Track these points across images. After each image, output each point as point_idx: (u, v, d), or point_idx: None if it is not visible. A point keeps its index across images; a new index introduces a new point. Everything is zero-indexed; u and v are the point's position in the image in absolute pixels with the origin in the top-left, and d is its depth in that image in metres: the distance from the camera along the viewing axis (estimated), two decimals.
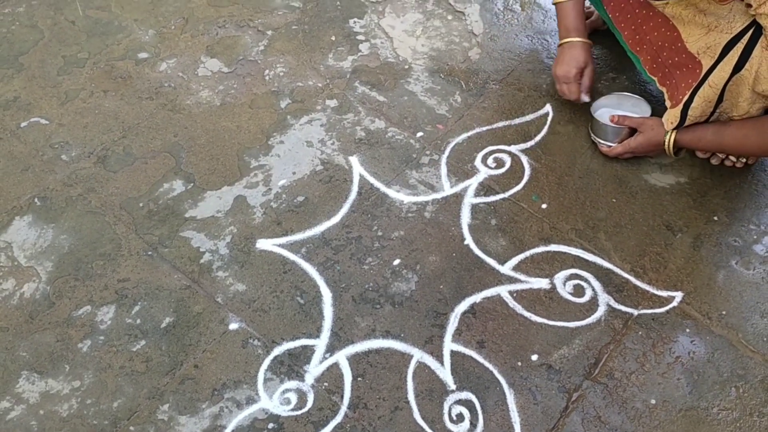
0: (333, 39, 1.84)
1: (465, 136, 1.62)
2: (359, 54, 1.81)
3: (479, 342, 1.29)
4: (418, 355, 1.27)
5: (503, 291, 1.36)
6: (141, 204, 1.48)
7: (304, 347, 1.28)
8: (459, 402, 1.22)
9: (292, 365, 1.26)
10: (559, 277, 1.38)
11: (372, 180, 1.54)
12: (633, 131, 1.53)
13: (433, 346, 1.29)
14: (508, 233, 1.45)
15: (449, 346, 1.29)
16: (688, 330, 1.32)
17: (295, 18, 1.89)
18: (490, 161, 1.57)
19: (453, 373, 1.25)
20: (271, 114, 1.66)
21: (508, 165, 1.57)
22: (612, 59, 1.76)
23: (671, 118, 1.44)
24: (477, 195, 1.51)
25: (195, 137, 1.61)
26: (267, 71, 1.76)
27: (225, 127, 1.63)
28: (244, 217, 1.47)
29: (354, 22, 1.89)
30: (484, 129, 1.63)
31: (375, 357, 1.27)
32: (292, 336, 1.29)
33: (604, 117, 1.55)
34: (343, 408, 1.21)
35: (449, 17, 1.91)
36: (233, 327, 1.31)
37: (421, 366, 1.26)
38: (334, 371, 1.25)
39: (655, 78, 1.48)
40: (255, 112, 1.66)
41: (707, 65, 1.34)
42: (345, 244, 1.43)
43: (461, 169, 1.55)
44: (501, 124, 1.65)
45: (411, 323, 1.32)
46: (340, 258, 1.41)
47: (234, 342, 1.29)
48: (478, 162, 1.57)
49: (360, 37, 1.85)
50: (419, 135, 1.62)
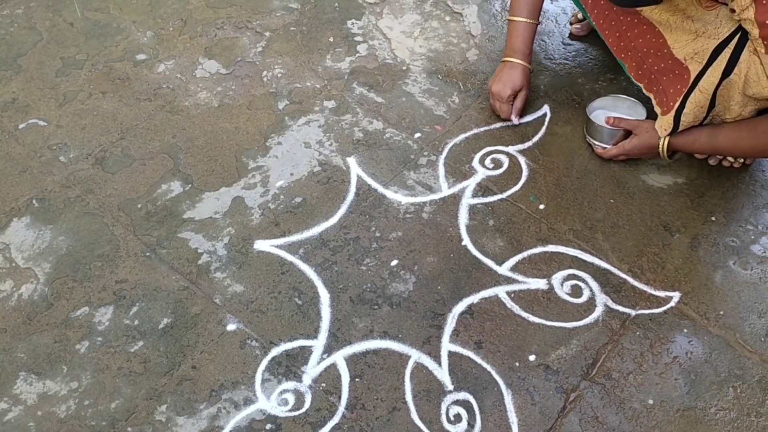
0: (331, 40, 1.85)
1: (463, 136, 1.62)
2: (357, 55, 1.81)
3: (477, 342, 1.29)
4: (415, 356, 1.28)
5: (501, 291, 1.36)
6: (139, 205, 1.49)
7: (301, 348, 1.28)
8: (457, 402, 1.22)
9: (289, 366, 1.26)
10: (557, 278, 1.38)
11: (370, 181, 1.54)
12: (628, 133, 1.53)
13: (431, 346, 1.29)
14: (505, 234, 1.45)
15: (447, 346, 1.29)
16: (685, 330, 1.32)
17: (293, 19, 1.90)
18: (487, 162, 1.57)
19: (450, 374, 1.25)
20: (269, 115, 1.66)
21: (505, 166, 1.57)
22: (609, 60, 1.76)
23: (664, 124, 1.45)
24: (475, 196, 1.51)
25: (193, 138, 1.61)
26: (265, 72, 1.76)
27: (223, 129, 1.63)
28: (242, 218, 1.47)
29: (352, 23, 1.89)
30: (481, 130, 1.63)
31: (373, 358, 1.27)
32: (289, 337, 1.29)
33: (599, 118, 1.56)
34: (341, 409, 1.21)
35: (447, 18, 1.92)
36: (231, 328, 1.31)
37: (419, 366, 1.26)
38: (331, 372, 1.25)
39: (641, 84, 1.49)
40: (253, 113, 1.67)
41: (695, 71, 1.35)
42: (343, 244, 1.43)
43: (459, 170, 1.56)
44: (499, 124, 1.65)
45: (409, 324, 1.32)
46: (337, 259, 1.41)
47: (232, 343, 1.29)
48: (475, 163, 1.57)
49: (358, 39, 1.85)
50: (417, 136, 1.62)
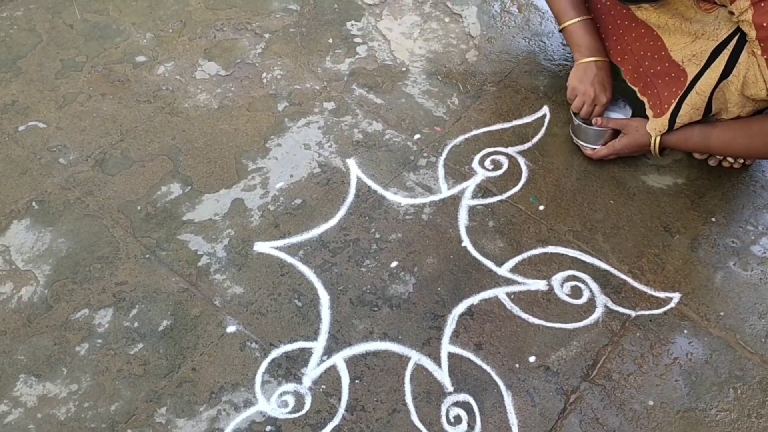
0: (330, 42, 1.85)
1: (462, 138, 1.62)
2: (357, 56, 1.81)
3: (477, 344, 1.29)
4: (415, 358, 1.27)
5: (501, 293, 1.36)
6: (139, 207, 1.48)
7: (301, 350, 1.28)
8: (457, 404, 1.22)
9: (289, 368, 1.26)
10: (557, 279, 1.38)
11: (369, 182, 1.54)
12: (616, 132, 1.53)
13: (431, 348, 1.29)
14: (505, 235, 1.45)
15: (447, 348, 1.29)
16: (686, 331, 1.32)
17: (293, 21, 1.90)
18: (487, 163, 1.57)
19: (451, 375, 1.25)
20: (269, 117, 1.66)
21: (505, 167, 1.57)
22: None
23: (658, 126, 1.44)
24: (474, 197, 1.51)
25: (193, 140, 1.61)
26: (264, 74, 1.76)
27: (223, 130, 1.63)
28: (241, 220, 1.47)
29: (351, 24, 1.89)
30: (481, 131, 1.63)
31: (372, 359, 1.27)
32: (289, 338, 1.29)
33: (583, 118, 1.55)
34: (341, 410, 1.21)
35: (446, 19, 1.92)
36: (231, 330, 1.31)
37: (419, 368, 1.26)
38: (331, 374, 1.25)
39: (636, 87, 1.49)
40: (252, 115, 1.66)
41: (693, 72, 1.35)
42: (342, 246, 1.43)
43: (459, 171, 1.56)
44: (498, 126, 1.65)
45: (408, 325, 1.32)
46: (337, 260, 1.41)
47: (232, 345, 1.29)
48: (475, 164, 1.57)
49: (357, 40, 1.85)
50: (417, 137, 1.62)
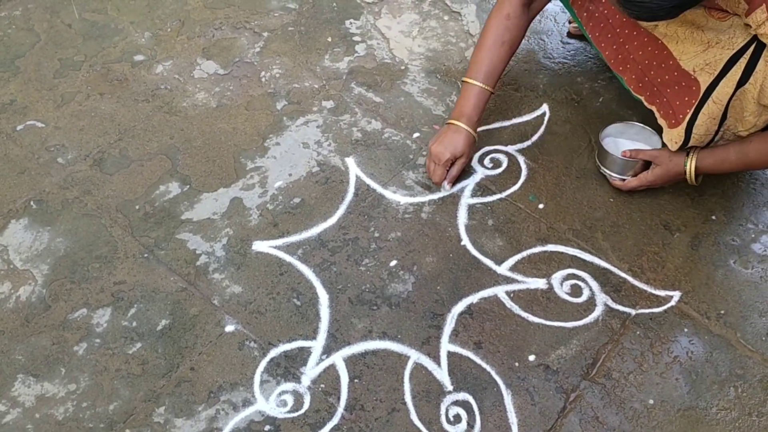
0: (329, 40, 1.84)
1: None
2: (355, 55, 1.80)
3: (476, 343, 1.29)
4: (415, 357, 1.27)
5: (500, 291, 1.36)
6: (137, 206, 1.48)
7: (300, 349, 1.28)
8: (456, 403, 1.22)
9: (288, 367, 1.25)
10: (557, 277, 1.38)
11: (368, 181, 1.53)
12: (646, 163, 1.47)
13: (430, 347, 1.28)
14: (505, 233, 1.44)
15: (446, 347, 1.28)
16: (686, 330, 1.31)
17: (291, 19, 1.89)
18: (486, 161, 1.57)
19: (450, 374, 1.25)
20: (268, 116, 1.66)
21: (505, 165, 1.56)
22: None
23: (674, 137, 1.38)
24: (474, 195, 1.51)
25: (191, 139, 1.61)
26: (263, 73, 1.75)
27: (221, 129, 1.63)
28: (240, 219, 1.46)
29: (350, 23, 1.89)
30: (480, 129, 1.63)
31: (372, 358, 1.27)
32: (288, 338, 1.29)
33: (610, 147, 1.49)
34: (340, 410, 1.21)
35: (445, 18, 1.91)
36: (229, 329, 1.30)
37: (418, 367, 1.26)
38: (330, 373, 1.25)
39: (642, 97, 1.43)
40: (251, 113, 1.66)
41: (706, 82, 1.29)
42: (341, 245, 1.42)
43: None
44: (498, 124, 1.64)
45: (408, 324, 1.31)
46: (336, 259, 1.40)
47: (230, 344, 1.28)
48: (474, 162, 1.56)
49: (356, 38, 1.85)
50: (416, 136, 1.62)
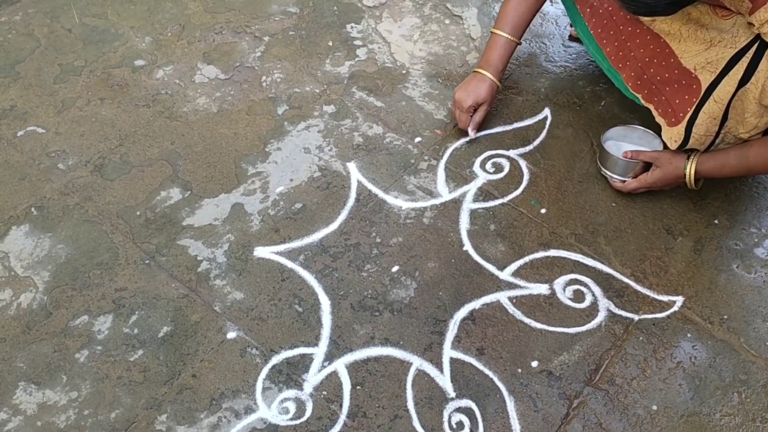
0: (330, 44, 1.84)
1: (463, 141, 1.61)
2: (356, 59, 1.80)
3: (479, 349, 1.28)
4: (417, 363, 1.27)
5: (503, 297, 1.35)
6: (138, 212, 1.48)
7: (302, 356, 1.27)
8: (459, 410, 1.21)
9: (290, 374, 1.25)
10: (559, 283, 1.37)
11: (370, 186, 1.53)
12: (647, 165, 1.47)
13: (433, 353, 1.28)
14: (507, 238, 1.44)
15: (449, 353, 1.28)
16: (689, 335, 1.31)
17: (292, 24, 1.89)
18: (488, 166, 1.56)
19: (453, 381, 1.24)
20: (269, 120, 1.65)
21: (506, 170, 1.56)
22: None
23: (674, 136, 1.38)
24: (476, 200, 1.50)
25: (192, 145, 1.60)
26: (264, 77, 1.75)
27: (222, 134, 1.62)
28: (241, 225, 1.46)
29: (351, 27, 1.88)
30: (482, 134, 1.62)
31: (374, 365, 1.26)
32: (290, 344, 1.29)
33: (612, 149, 1.49)
34: (342, 417, 1.20)
35: (447, 21, 1.91)
36: (231, 336, 1.30)
37: (421, 374, 1.25)
38: (332, 380, 1.25)
39: (639, 95, 1.44)
40: (252, 118, 1.66)
41: (707, 80, 1.29)
42: (343, 251, 1.42)
43: (460, 175, 1.55)
44: (499, 128, 1.64)
45: (410, 330, 1.31)
46: (338, 265, 1.40)
47: (232, 351, 1.28)
48: (476, 167, 1.56)
49: (357, 43, 1.84)
50: (417, 140, 1.62)
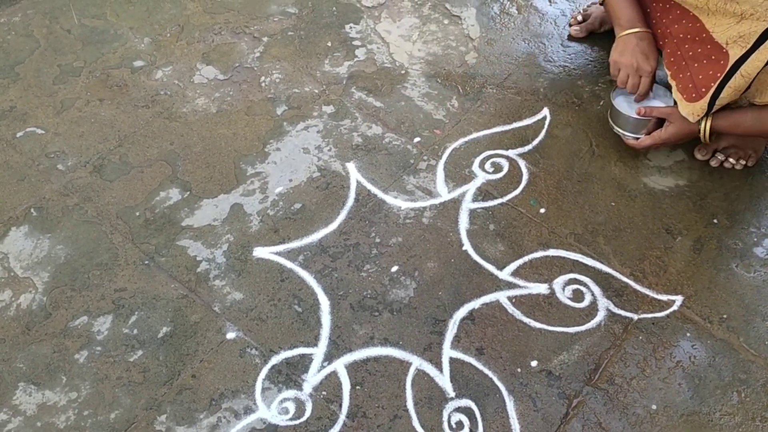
0: (329, 45, 1.84)
1: (462, 141, 1.61)
2: (355, 59, 1.80)
3: (478, 348, 1.28)
4: (417, 363, 1.27)
5: (502, 297, 1.35)
6: (137, 213, 1.48)
7: (302, 356, 1.27)
8: (458, 409, 1.21)
9: (290, 374, 1.25)
10: (558, 282, 1.37)
11: (369, 186, 1.53)
12: (659, 122, 1.49)
13: (432, 353, 1.28)
14: (506, 238, 1.44)
15: (448, 353, 1.28)
16: (688, 334, 1.31)
17: (291, 24, 1.89)
18: (487, 166, 1.56)
19: (452, 381, 1.24)
20: (268, 121, 1.65)
21: (506, 170, 1.56)
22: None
23: (695, 111, 1.40)
24: (475, 200, 1.50)
25: (191, 145, 1.60)
26: (263, 78, 1.75)
27: (221, 135, 1.62)
28: (240, 225, 1.46)
29: (350, 27, 1.88)
30: (481, 134, 1.62)
31: (373, 365, 1.26)
32: (289, 345, 1.29)
33: (623, 106, 1.50)
34: (342, 417, 1.20)
35: (446, 21, 1.91)
36: (231, 336, 1.30)
37: (420, 373, 1.25)
38: (332, 380, 1.25)
39: (670, 71, 1.45)
40: (251, 119, 1.66)
41: (736, 55, 1.29)
42: (343, 251, 1.42)
43: (459, 175, 1.55)
44: (498, 128, 1.64)
45: (410, 330, 1.31)
46: (337, 265, 1.40)
47: (231, 351, 1.28)
48: (475, 167, 1.56)
49: (356, 43, 1.84)
50: (416, 140, 1.62)
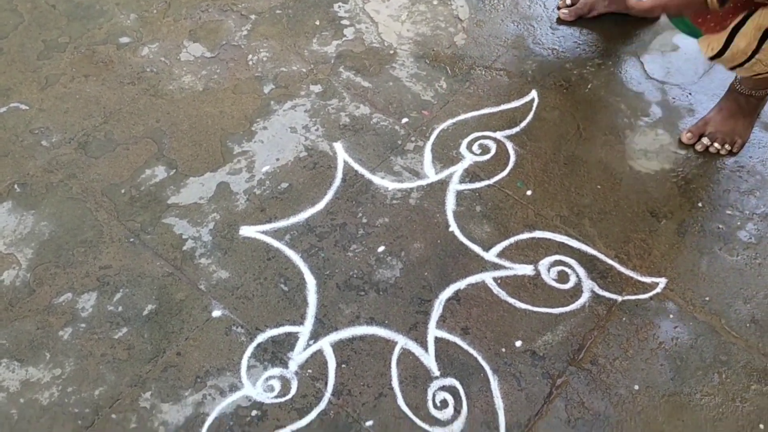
0: (317, 23, 1.82)
1: (450, 122, 1.61)
2: (344, 39, 1.79)
3: (463, 328, 1.29)
4: (402, 342, 1.27)
5: (488, 277, 1.36)
6: (123, 190, 1.47)
7: (287, 334, 1.28)
8: (443, 388, 1.22)
9: (275, 352, 1.25)
10: (544, 264, 1.38)
11: (357, 166, 1.52)
12: None
13: (418, 332, 1.28)
14: (492, 220, 1.44)
15: (433, 332, 1.28)
16: (671, 316, 1.32)
17: (279, 2, 1.87)
18: (475, 147, 1.56)
19: (437, 360, 1.25)
20: (255, 99, 1.64)
21: (493, 151, 1.56)
22: (599, 45, 1.75)
23: (712, 43, 1.34)
24: (462, 181, 1.50)
25: (177, 123, 1.59)
26: (250, 56, 1.74)
27: (208, 113, 1.61)
28: (227, 204, 1.45)
29: (339, 6, 1.87)
30: (469, 115, 1.62)
31: (359, 344, 1.27)
32: (275, 323, 1.29)
33: None
34: (327, 395, 1.21)
35: (435, 2, 1.90)
36: (216, 314, 1.30)
37: (406, 352, 1.26)
38: (318, 358, 1.25)
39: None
40: (238, 97, 1.65)
41: None
42: (329, 231, 1.42)
43: (446, 156, 1.55)
44: (486, 110, 1.64)
45: (395, 310, 1.31)
46: (324, 245, 1.40)
47: (217, 329, 1.28)
48: (463, 148, 1.56)
49: (345, 22, 1.83)
50: (404, 121, 1.61)
